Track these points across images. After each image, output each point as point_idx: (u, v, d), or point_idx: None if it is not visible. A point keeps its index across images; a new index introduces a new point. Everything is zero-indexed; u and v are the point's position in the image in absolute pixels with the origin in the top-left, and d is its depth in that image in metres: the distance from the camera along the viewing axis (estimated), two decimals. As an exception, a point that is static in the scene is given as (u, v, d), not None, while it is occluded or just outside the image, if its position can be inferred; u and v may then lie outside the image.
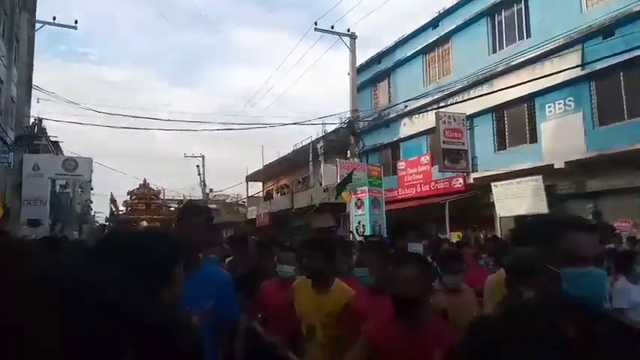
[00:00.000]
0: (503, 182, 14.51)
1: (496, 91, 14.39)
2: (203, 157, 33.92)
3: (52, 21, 18.14)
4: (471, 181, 15.95)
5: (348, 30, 18.32)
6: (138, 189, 34.55)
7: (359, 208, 15.00)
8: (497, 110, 15.73)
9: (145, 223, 32.28)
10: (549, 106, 13.80)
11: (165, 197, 36.98)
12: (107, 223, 38.46)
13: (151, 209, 33.63)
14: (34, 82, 20.97)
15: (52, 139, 27.56)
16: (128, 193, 35.06)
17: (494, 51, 16.04)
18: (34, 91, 20.14)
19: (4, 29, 18.87)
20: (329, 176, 16.35)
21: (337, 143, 19.94)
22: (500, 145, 15.89)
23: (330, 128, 21.71)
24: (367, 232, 13.87)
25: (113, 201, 35.29)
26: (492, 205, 14.84)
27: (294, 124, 20.24)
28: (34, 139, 21.36)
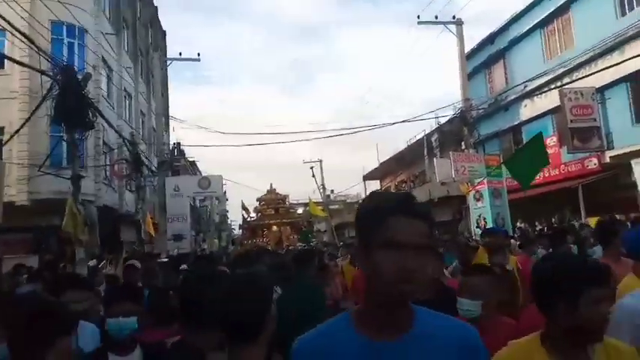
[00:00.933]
0: (646, 159, 12.92)
1: (629, 59, 12.78)
2: (321, 161, 35.19)
3: (179, 57, 20.36)
4: (607, 160, 14.43)
5: (454, 17, 17.62)
6: (266, 195, 36.34)
7: (478, 200, 14.38)
8: (632, 79, 13.95)
9: (275, 228, 33.84)
10: (695, 68, 11.89)
11: (290, 202, 38.54)
12: (242, 230, 40.87)
13: (279, 213, 35.13)
14: (170, 112, 23.71)
15: (190, 159, 30.84)
16: (257, 200, 37.13)
17: (623, 14, 14.25)
18: (169, 120, 22.75)
19: (141, 68, 21.62)
20: (443, 170, 15.92)
21: (452, 134, 19.30)
22: (638, 117, 14.07)
23: (443, 120, 21.07)
24: (489, 226, 13.24)
25: (245, 208, 37.03)
26: (634, 185, 13.31)
27: (404, 121, 20.01)
28: (175, 161, 24.06)
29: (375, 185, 34.48)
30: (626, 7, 14.25)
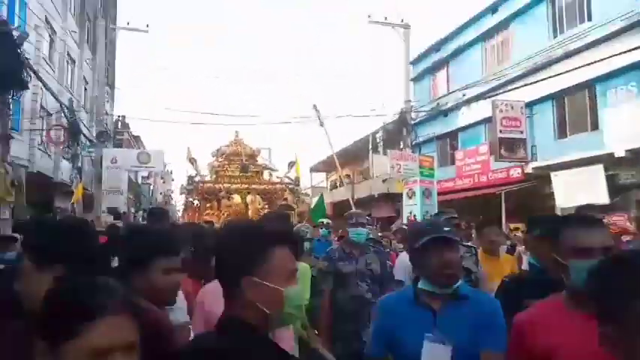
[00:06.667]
0: (563, 172, 14.00)
1: (554, 76, 13.87)
2: (270, 149, 34.50)
3: (126, 26, 19.84)
4: (530, 170, 15.46)
5: (402, 20, 18.32)
6: (228, 146, 22.98)
7: (410, 198, 15.16)
8: (558, 97, 15.11)
9: (237, 198, 21.53)
10: (611, 92, 13.09)
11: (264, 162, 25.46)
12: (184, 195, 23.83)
13: (246, 177, 22.32)
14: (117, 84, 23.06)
15: (135, 135, 30.11)
16: (213, 155, 23.38)
17: (555, 35, 15.37)
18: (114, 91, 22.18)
19: (88, 35, 20.94)
20: (381, 167, 16.59)
21: (395, 134, 20.08)
22: (561, 133, 15.26)
23: (388, 119, 21.81)
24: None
25: (192, 160, 22.12)
26: (552, 195, 14.36)
27: (348, 115, 20.59)
28: (118, 134, 23.44)
29: (321, 177, 34.99)
30: (558, 29, 15.37)
